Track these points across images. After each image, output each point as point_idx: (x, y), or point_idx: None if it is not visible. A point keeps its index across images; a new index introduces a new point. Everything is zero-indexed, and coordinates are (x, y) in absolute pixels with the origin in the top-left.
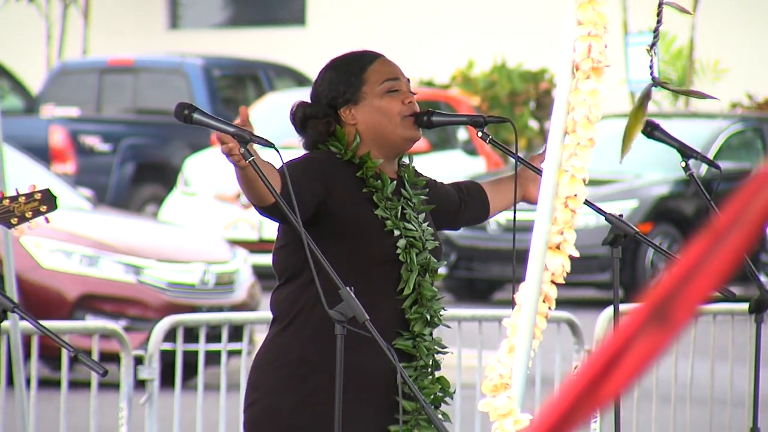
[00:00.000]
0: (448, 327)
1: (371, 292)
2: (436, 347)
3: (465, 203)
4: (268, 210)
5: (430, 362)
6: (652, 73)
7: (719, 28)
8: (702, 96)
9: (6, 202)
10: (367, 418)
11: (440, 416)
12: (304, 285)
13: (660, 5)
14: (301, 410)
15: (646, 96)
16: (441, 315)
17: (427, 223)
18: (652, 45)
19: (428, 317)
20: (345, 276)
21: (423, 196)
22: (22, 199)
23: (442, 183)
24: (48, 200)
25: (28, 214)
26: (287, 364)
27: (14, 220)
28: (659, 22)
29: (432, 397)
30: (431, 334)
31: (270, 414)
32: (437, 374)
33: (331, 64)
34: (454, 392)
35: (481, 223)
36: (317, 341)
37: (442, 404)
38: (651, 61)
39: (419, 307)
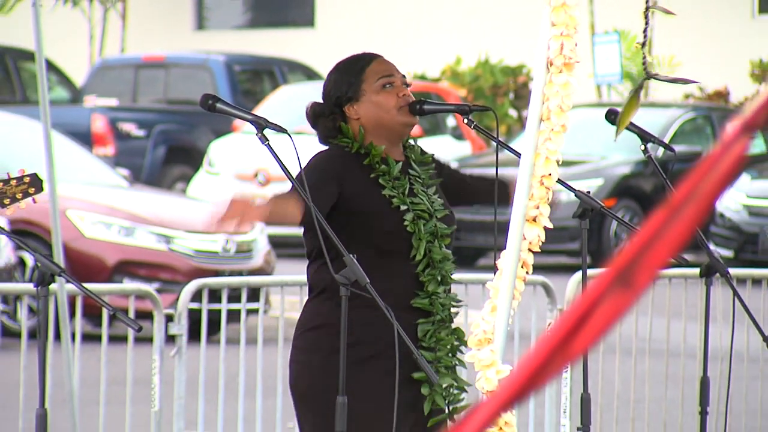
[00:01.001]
0: (460, 284)
1: (388, 261)
2: (452, 302)
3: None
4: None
5: (446, 316)
6: (645, 68)
7: (674, 29)
8: (685, 81)
9: (1, 185)
10: (388, 369)
11: (457, 362)
12: (325, 266)
13: (647, 8)
14: (328, 365)
15: (640, 87)
16: (452, 274)
17: (437, 195)
18: (643, 44)
19: (440, 277)
20: (363, 249)
21: (431, 171)
22: (13, 183)
23: (449, 165)
24: (36, 183)
25: (19, 196)
26: (317, 327)
27: (6, 201)
28: (647, 23)
29: (449, 347)
30: (445, 291)
31: (305, 369)
32: (453, 326)
33: (335, 67)
34: (467, 342)
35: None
36: (334, 312)
37: (458, 352)
38: (644, 57)
39: (431, 270)
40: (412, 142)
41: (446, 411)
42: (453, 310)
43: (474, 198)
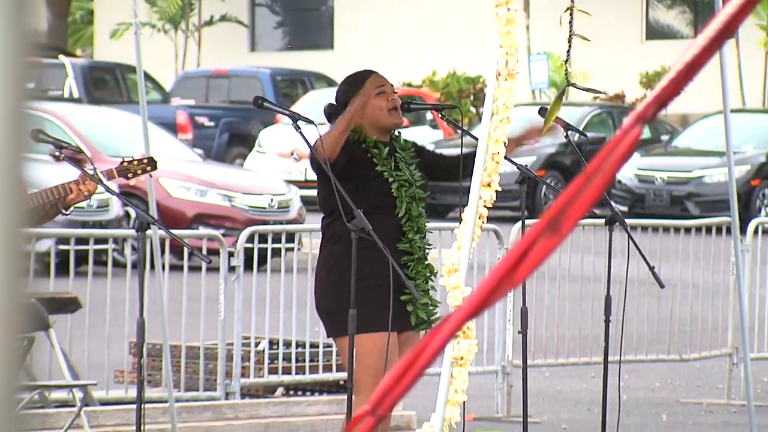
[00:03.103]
0: (431, 233)
1: (379, 216)
2: (425, 246)
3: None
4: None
5: (422, 255)
6: (567, 78)
7: (586, 50)
8: (596, 91)
9: (125, 164)
10: (385, 293)
11: (430, 287)
12: (338, 219)
13: (570, 36)
14: (340, 289)
15: (563, 92)
16: (426, 226)
17: (416, 170)
18: (566, 61)
19: (417, 228)
20: (363, 206)
21: (411, 153)
22: (135, 163)
23: (429, 149)
24: (152, 163)
25: (139, 172)
26: (330, 266)
27: (130, 176)
28: (570, 46)
29: (424, 276)
30: (420, 238)
31: (321, 295)
32: (426, 262)
33: (344, 80)
34: (436, 273)
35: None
36: (346, 251)
37: (430, 280)
38: (567, 72)
39: (411, 223)
40: (396, 133)
41: (426, 321)
42: (426, 250)
43: (447, 171)
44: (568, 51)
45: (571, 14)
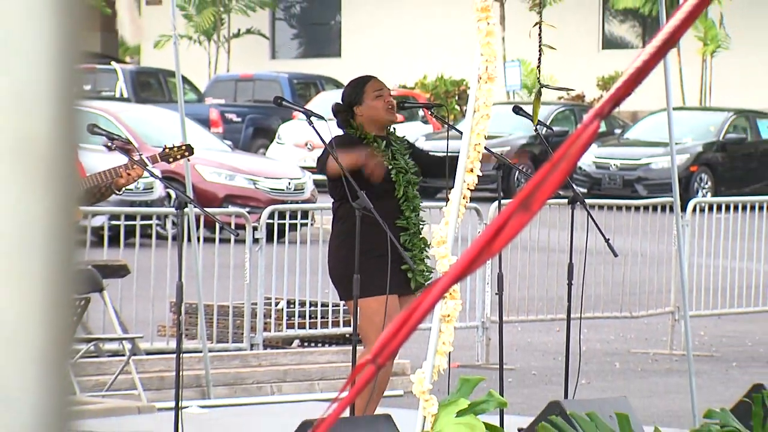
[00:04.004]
0: (424, 211)
1: (381, 198)
2: (420, 222)
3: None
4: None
5: (417, 230)
6: (539, 81)
7: (553, 57)
8: (566, 89)
9: (167, 150)
10: (385, 263)
11: (425, 257)
12: (345, 203)
13: (540, 46)
14: (346, 262)
15: (539, 93)
16: (420, 205)
17: (410, 158)
18: (538, 67)
19: (412, 207)
20: (367, 191)
21: (405, 146)
22: (175, 149)
23: (419, 148)
24: (189, 150)
25: (179, 157)
26: (340, 242)
27: (171, 160)
28: (541, 54)
29: (419, 248)
30: (415, 215)
31: (333, 266)
32: (421, 236)
33: (348, 84)
34: (430, 245)
35: None
36: (352, 230)
37: (424, 251)
38: (538, 76)
39: (407, 203)
40: (392, 129)
41: (424, 285)
42: (421, 226)
43: (428, 168)
44: (540, 59)
45: (540, 29)
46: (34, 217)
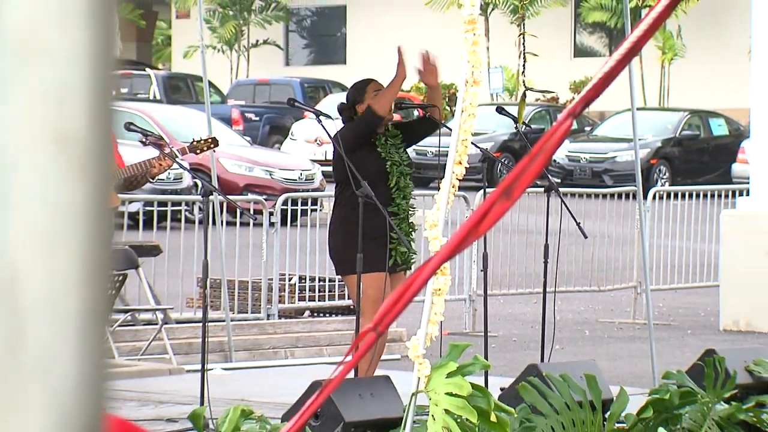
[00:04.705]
0: (414, 199)
1: (377, 186)
2: (409, 209)
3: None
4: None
5: (407, 215)
6: (524, 85)
7: (533, 64)
8: (547, 92)
9: (195, 142)
10: (381, 245)
11: (412, 240)
12: (346, 189)
13: (523, 53)
14: (345, 247)
15: (524, 96)
16: (411, 194)
17: (404, 152)
18: (523, 72)
19: (403, 195)
20: (365, 178)
21: (399, 139)
22: (202, 141)
23: (409, 121)
24: (215, 142)
25: (205, 148)
26: (339, 224)
27: (198, 151)
28: (525, 62)
29: (405, 232)
30: (406, 202)
31: (333, 249)
32: (409, 221)
33: (352, 86)
34: (416, 229)
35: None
36: (352, 213)
37: (411, 235)
38: (523, 81)
39: (399, 191)
40: (389, 125)
41: (401, 264)
42: (410, 212)
43: (412, 131)
44: (524, 65)
45: (524, 39)
46: (74, 201)
